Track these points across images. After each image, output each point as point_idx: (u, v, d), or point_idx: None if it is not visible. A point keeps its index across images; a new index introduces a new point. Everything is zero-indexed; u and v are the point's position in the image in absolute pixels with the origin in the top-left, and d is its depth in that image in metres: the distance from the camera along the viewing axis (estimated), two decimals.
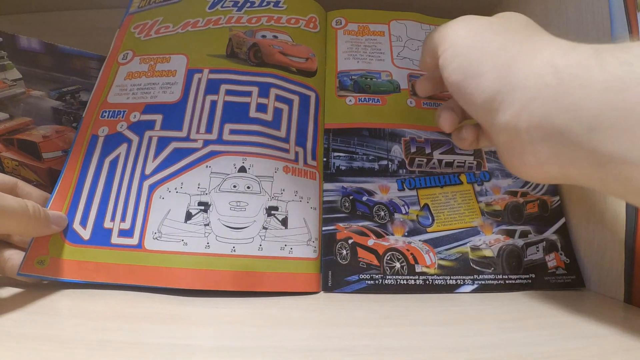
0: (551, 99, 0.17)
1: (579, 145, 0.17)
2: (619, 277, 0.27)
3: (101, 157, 0.29)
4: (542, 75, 0.18)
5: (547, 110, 0.17)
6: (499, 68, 0.19)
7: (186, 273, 0.25)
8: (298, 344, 0.19)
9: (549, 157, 0.18)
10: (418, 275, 0.28)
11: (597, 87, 0.16)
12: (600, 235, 0.29)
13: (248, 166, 0.28)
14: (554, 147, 0.18)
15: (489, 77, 0.20)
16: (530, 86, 0.18)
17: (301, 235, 0.28)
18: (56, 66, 0.35)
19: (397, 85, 0.36)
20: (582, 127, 0.16)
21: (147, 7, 0.37)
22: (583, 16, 0.31)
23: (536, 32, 0.21)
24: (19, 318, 0.20)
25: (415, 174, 0.33)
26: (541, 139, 0.18)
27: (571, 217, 0.32)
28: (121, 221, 0.26)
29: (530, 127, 0.18)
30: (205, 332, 0.20)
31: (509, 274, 0.29)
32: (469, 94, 0.20)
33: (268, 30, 0.35)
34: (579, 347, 0.19)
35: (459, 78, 0.21)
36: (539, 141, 0.18)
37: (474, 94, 0.20)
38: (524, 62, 0.19)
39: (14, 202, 0.21)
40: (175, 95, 0.31)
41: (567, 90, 0.17)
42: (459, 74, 0.21)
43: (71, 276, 0.25)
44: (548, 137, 0.18)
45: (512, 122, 0.19)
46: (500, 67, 0.19)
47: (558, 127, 0.17)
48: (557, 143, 0.17)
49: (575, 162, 0.17)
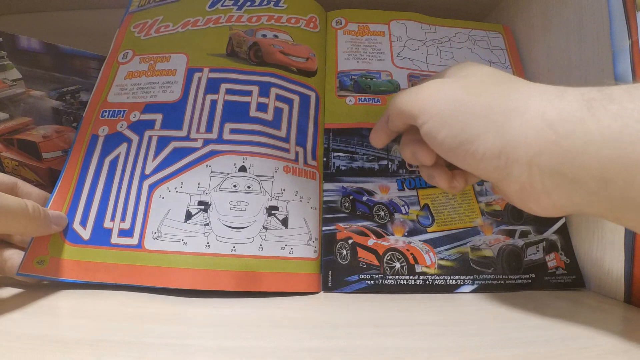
0: (557, 153, 0.18)
1: (592, 193, 0.17)
2: (619, 277, 0.27)
3: (101, 157, 0.29)
4: (540, 130, 0.18)
5: (556, 163, 0.18)
6: (494, 128, 0.19)
7: (186, 273, 0.25)
8: (298, 344, 0.19)
9: (565, 201, 0.19)
10: (418, 275, 0.28)
11: (598, 144, 0.16)
12: (600, 235, 0.29)
13: (248, 166, 0.28)
14: (569, 193, 0.18)
15: (487, 139, 0.20)
16: (532, 142, 0.18)
17: (301, 235, 0.28)
18: (56, 66, 0.35)
19: (397, 85, 0.36)
20: (594, 180, 0.17)
21: (147, 6, 0.37)
22: (583, 16, 0.31)
23: (508, 82, 0.21)
24: (19, 318, 0.20)
25: (415, 174, 0.33)
26: (555, 187, 0.18)
27: (571, 217, 0.32)
28: (121, 221, 0.26)
29: (543, 179, 0.18)
30: (205, 332, 0.20)
31: (509, 274, 0.29)
32: (469, 157, 0.20)
33: (268, 30, 0.35)
34: (579, 347, 0.19)
35: (453, 145, 0.21)
36: (554, 190, 0.18)
37: (476, 157, 0.20)
38: (516, 119, 0.19)
39: (14, 202, 0.21)
40: (175, 95, 0.31)
41: (568, 146, 0.17)
42: (451, 142, 0.21)
43: (71, 276, 0.25)
44: (561, 187, 0.18)
45: (523, 177, 0.19)
46: (495, 127, 0.19)
47: (569, 178, 0.18)
48: (571, 191, 0.18)
49: (591, 205, 0.18)
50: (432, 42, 0.39)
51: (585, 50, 0.31)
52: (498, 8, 0.45)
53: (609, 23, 0.28)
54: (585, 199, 0.18)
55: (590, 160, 0.17)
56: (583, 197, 0.18)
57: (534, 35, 0.38)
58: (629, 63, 0.27)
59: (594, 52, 0.30)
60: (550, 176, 0.18)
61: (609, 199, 0.17)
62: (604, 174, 0.16)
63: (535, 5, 0.38)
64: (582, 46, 0.31)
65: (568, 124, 0.17)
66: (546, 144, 0.18)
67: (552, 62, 0.35)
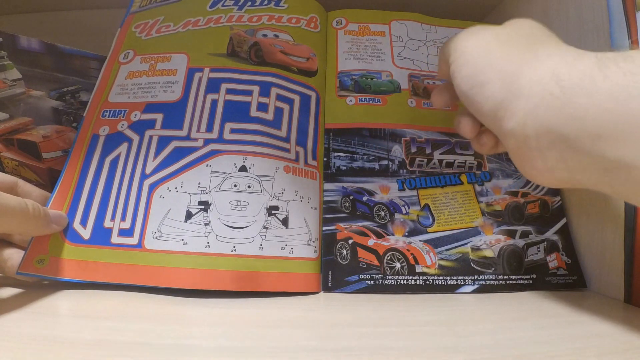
0: (555, 107, 0.17)
1: (586, 152, 0.17)
2: (619, 277, 0.27)
3: (102, 157, 0.29)
4: (546, 83, 0.18)
5: (553, 118, 0.18)
6: (504, 77, 0.20)
7: (186, 273, 0.25)
8: (298, 344, 0.18)
9: (557, 162, 0.18)
10: (418, 276, 0.28)
11: (601, 96, 0.16)
12: (600, 236, 0.29)
13: (249, 165, 0.28)
14: (562, 153, 0.18)
15: (494, 86, 0.20)
16: (534, 94, 0.18)
17: (302, 235, 0.28)
18: (56, 66, 0.35)
19: (397, 85, 0.36)
20: (588, 135, 0.17)
21: (148, 7, 0.37)
22: (583, 16, 0.31)
23: (541, 40, 0.21)
24: (19, 318, 0.20)
25: (415, 174, 0.33)
26: (548, 145, 0.18)
27: (572, 218, 0.32)
28: (121, 220, 0.26)
29: (536, 134, 0.18)
30: (205, 332, 0.20)
31: (510, 275, 0.29)
32: (476, 102, 0.21)
33: (269, 30, 0.35)
34: (579, 347, 0.19)
35: (466, 87, 0.22)
36: (546, 148, 0.18)
37: (480, 102, 0.21)
38: (527, 72, 0.19)
39: (14, 201, 0.21)
40: (176, 94, 0.31)
41: (571, 99, 0.17)
42: (466, 82, 0.22)
43: (71, 276, 0.25)
44: (555, 144, 0.18)
45: (518, 129, 0.19)
46: (505, 76, 0.20)
47: (564, 135, 0.17)
48: (564, 150, 0.18)
49: (583, 167, 0.18)
50: (433, 43, 0.39)
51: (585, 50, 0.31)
52: (498, 8, 0.45)
53: (609, 23, 0.28)
54: (577, 163, 0.18)
55: (592, 113, 0.16)
56: (576, 159, 0.17)
57: None
58: None
59: None
60: (545, 132, 0.18)
61: (601, 159, 0.17)
62: (599, 129, 0.16)
63: (536, 5, 0.38)
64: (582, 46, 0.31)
65: (576, 78, 0.17)
66: (547, 98, 0.18)
67: None
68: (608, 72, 0.16)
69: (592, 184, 0.18)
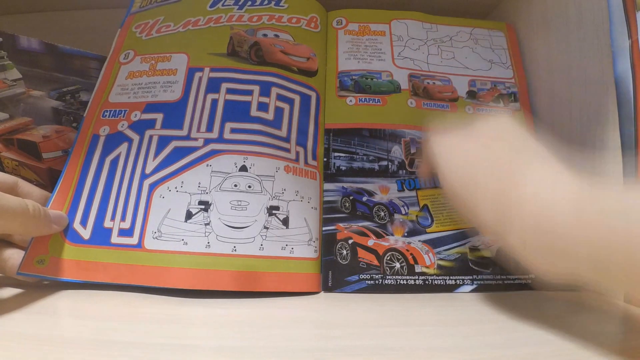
0: (549, 232, 0.19)
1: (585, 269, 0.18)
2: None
3: (102, 157, 0.29)
4: (534, 208, 0.19)
5: (548, 241, 0.19)
6: (492, 197, 0.21)
7: (186, 273, 0.25)
8: (298, 344, 0.19)
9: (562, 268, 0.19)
10: (418, 276, 0.28)
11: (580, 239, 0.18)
12: None
13: (249, 165, 0.28)
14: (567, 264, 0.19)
15: (485, 207, 0.22)
16: (526, 217, 0.20)
17: (302, 235, 0.28)
18: (56, 66, 0.35)
19: (397, 85, 0.36)
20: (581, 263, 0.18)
21: (148, 7, 0.37)
22: (583, 16, 0.31)
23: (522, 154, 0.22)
24: (19, 318, 0.20)
25: (415, 174, 0.33)
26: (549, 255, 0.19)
27: None
28: (121, 220, 0.26)
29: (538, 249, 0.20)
30: (205, 332, 0.20)
31: (508, 274, 0.29)
32: (472, 218, 0.23)
33: (269, 29, 0.35)
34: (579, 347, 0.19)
35: (459, 205, 0.24)
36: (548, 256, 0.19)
37: (478, 220, 0.22)
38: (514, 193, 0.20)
39: (14, 202, 0.21)
40: (176, 94, 0.31)
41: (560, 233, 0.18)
42: (457, 201, 0.24)
43: (71, 276, 0.25)
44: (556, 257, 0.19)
45: (520, 246, 0.20)
46: (493, 197, 0.21)
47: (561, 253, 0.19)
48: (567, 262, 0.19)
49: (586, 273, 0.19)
50: (434, 42, 0.39)
51: (585, 50, 0.31)
52: (499, 7, 0.45)
53: (609, 23, 0.28)
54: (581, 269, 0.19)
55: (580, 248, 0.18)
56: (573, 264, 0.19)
57: (534, 34, 0.38)
58: (628, 63, 0.27)
59: (594, 52, 0.30)
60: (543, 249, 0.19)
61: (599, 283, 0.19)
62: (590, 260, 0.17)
63: (536, 4, 0.38)
64: (582, 46, 0.31)
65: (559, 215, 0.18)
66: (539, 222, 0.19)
67: (552, 62, 0.35)
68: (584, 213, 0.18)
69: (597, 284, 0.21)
